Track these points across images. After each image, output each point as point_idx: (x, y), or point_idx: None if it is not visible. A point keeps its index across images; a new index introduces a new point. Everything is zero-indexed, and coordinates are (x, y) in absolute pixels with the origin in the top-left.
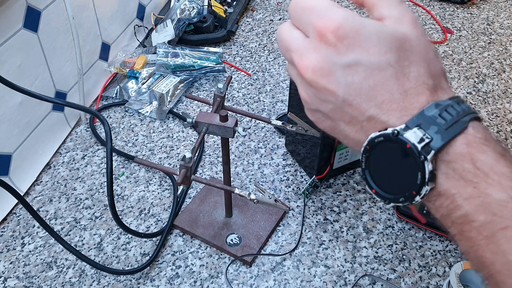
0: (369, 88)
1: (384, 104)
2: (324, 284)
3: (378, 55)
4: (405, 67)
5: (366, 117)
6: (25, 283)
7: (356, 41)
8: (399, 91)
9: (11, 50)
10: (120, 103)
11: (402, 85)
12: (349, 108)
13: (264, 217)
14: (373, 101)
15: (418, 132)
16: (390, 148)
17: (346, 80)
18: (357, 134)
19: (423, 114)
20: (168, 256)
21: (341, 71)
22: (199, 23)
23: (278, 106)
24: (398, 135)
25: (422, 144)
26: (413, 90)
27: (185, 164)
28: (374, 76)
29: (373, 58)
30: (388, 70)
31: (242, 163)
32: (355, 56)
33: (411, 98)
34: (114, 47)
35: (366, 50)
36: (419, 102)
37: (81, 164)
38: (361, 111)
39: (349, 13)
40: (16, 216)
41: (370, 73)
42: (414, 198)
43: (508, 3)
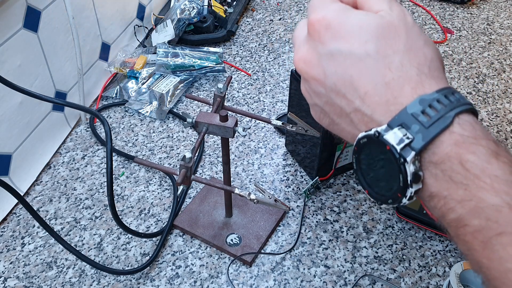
0: (351, 78)
1: (367, 96)
2: (324, 284)
3: (358, 45)
4: (387, 57)
5: (353, 109)
6: (25, 283)
7: (340, 31)
8: (380, 83)
9: (11, 50)
10: (120, 103)
11: (383, 76)
12: (337, 98)
13: (264, 217)
14: (355, 92)
15: (398, 133)
16: (373, 149)
17: (330, 70)
18: (349, 127)
19: (405, 111)
20: (168, 256)
21: (326, 61)
22: (199, 23)
23: (278, 106)
24: (379, 136)
25: (401, 145)
26: (395, 82)
27: (185, 164)
28: (354, 65)
29: (353, 48)
30: (367, 60)
31: (242, 163)
32: (337, 45)
33: (394, 91)
34: (114, 47)
35: (347, 40)
36: (403, 96)
37: (81, 164)
38: (347, 102)
39: (340, 6)
40: (16, 216)
41: (350, 62)
42: (400, 200)
43: (508, 3)
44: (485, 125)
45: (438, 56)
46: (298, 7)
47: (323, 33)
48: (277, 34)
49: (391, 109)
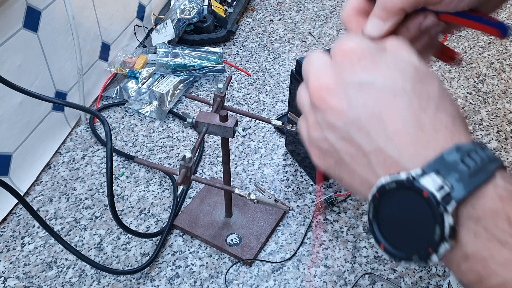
0: (380, 113)
1: (396, 135)
2: (324, 284)
3: (393, 80)
4: (423, 100)
5: (374, 148)
6: (25, 283)
7: (373, 63)
8: (414, 124)
9: (11, 50)
10: (120, 103)
11: (418, 117)
12: (358, 134)
13: (264, 217)
14: (382, 130)
15: (436, 179)
16: (403, 197)
17: (357, 101)
18: (364, 170)
19: (443, 158)
20: (168, 256)
21: (353, 90)
22: (199, 23)
23: (278, 106)
24: (414, 181)
25: (442, 193)
26: (430, 126)
27: (185, 164)
28: (386, 100)
29: (388, 82)
30: (403, 97)
31: (242, 163)
32: (370, 76)
33: (428, 135)
34: (114, 47)
35: (382, 73)
36: (437, 142)
37: (81, 164)
38: (369, 140)
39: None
40: (16, 216)
41: (383, 96)
42: (430, 257)
43: (508, 3)
44: (485, 125)
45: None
46: (298, 7)
47: (355, 62)
48: (277, 34)
49: (423, 154)
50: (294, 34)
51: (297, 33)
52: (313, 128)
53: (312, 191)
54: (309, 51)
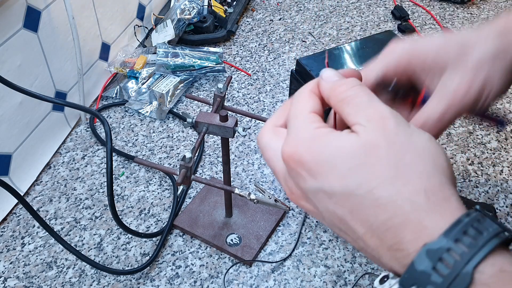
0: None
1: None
2: (324, 284)
3: (337, 181)
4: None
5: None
6: (25, 283)
7: (315, 167)
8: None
9: (11, 50)
10: (120, 103)
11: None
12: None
13: (264, 217)
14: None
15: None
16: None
17: (320, 206)
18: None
19: (414, 269)
20: (168, 256)
21: (313, 197)
22: (199, 23)
23: (278, 106)
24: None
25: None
26: (391, 222)
27: (185, 164)
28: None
29: (333, 185)
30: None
31: (242, 163)
32: (318, 184)
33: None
34: (114, 47)
35: (325, 176)
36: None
37: (81, 164)
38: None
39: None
40: (16, 216)
41: (336, 201)
42: None
43: (508, 3)
44: (485, 125)
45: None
46: (298, 7)
47: (300, 170)
48: (277, 34)
49: (398, 256)
50: (294, 34)
51: (297, 33)
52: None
53: None
54: (309, 51)
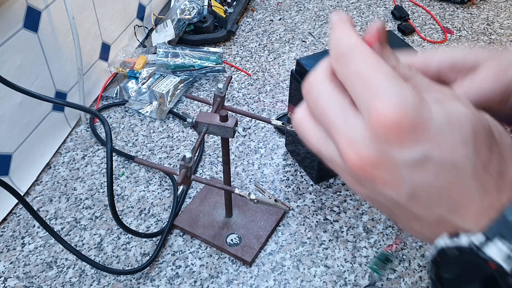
0: (441, 187)
1: (460, 206)
2: (324, 284)
3: (453, 149)
4: (486, 160)
5: (435, 218)
6: (25, 283)
7: (424, 133)
8: (478, 191)
9: (11, 50)
10: (120, 103)
11: (482, 182)
12: (414, 206)
13: (264, 217)
14: (444, 202)
15: (503, 248)
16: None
17: (412, 177)
18: (423, 230)
19: (505, 219)
20: (168, 256)
21: (406, 168)
22: (199, 23)
23: (278, 106)
24: (478, 251)
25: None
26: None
27: (185, 164)
28: (449, 174)
29: (447, 154)
30: (465, 167)
31: (242, 163)
32: (423, 151)
33: (492, 198)
34: (114, 47)
35: (437, 144)
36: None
37: (81, 164)
38: (428, 211)
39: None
40: (16, 216)
41: (443, 170)
42: None
43: (508, 3)
44: None
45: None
46: (298, 7)
47: (403, 135)
48: (277, 34)
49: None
50: (294, 34)
51: (297, 33)
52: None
53: (312, 191)
54: (309, 51)
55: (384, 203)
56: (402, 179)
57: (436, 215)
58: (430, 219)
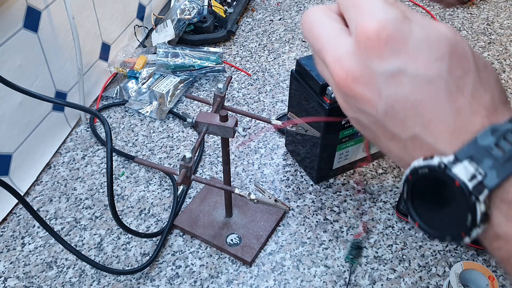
0: (415, 102)
1: (432, 124)
2: (324, 284)
3: (428, 64)
4: (460, 79)
5: (410, 136)
6: (25, 283)
7: (402, 46)
8: (450, 109)
9: (11, 50)
10: (120, 103)
11: (455, 100)
12: (391, 123)
13: (264, 217)
14: (418, 119)
15: (469, 167)
16: (436, 181)
17: (388, 91)
18: (400, 152)
19: (476, 143)
20: (168, 256)
21: (383, 80)
22: (199, 23)
23: (278, 106)
24: (446, 169)
25: (474, 183)
26: (467, 108)
27: (185, 164)
28: (422, 89)
29: (422, 68)
30: (439, 83)
31: (242, 163)
32: (400, 63)
33: (464, 118)
34: (114, 47)
35: (413, 57)
36: (473, 124)
37: (81, 164)
38: (404, 129)
39: (399, 14)
40: (16, 216)
41: (417, 85)
42: (462, 239)
43: (508, 3)
44: None
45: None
46: (298, 7)
47: (382, 47)
48: (277, 34)
49: (459, 137)
50: (294, 34)
51: (297, 33)
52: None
53: (312, 191)
54: (309, 51)
55: (365, 123)
56: (380, 93)
57: (411, 133)
58: (405, 137)
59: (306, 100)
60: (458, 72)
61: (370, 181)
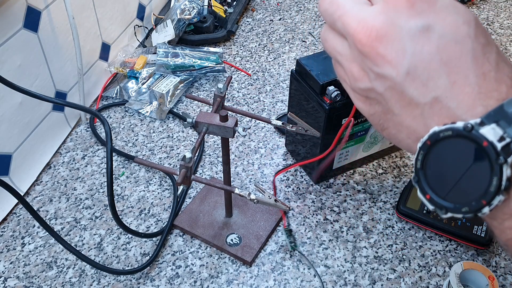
0: (440, 61)
1: (456, 86)
2: (324, 284)
3: (455, 25)
4: (485, 46)
5: (431, 99)
6: (25, 283)
7: (431, 6)
8: (475, 73)
9: (11, 50)
10: (120, 103)
11: (481, 66)
12: (411, 85)
13: (264, 217)
14: (442, 80)
15: (497, 129)
16: (458, 146)
17: (414, 49)
18: (414, 121)
19: (503, 109)
20: (168, 256)
21: (409, 37)
22: (199, 23)
23: (278, 106)
24: (472, 130)
25: (503, 144)
26: (492, 75)
27: (185, 164)
28: (449, 47)
29: (450, 27)
30: (466, 44)
31: (242, 163)
32: (428, 21)
33: (489, 85)
34: (114, 47)
35: (442, 17)
36: (498, 91)
37: (81, 164)
38: (426, 91)
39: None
40: (16, 216)
41: (445, 43)
42: (481, 209)
43: (508, 3)
44: None
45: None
46: (298, 7)
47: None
48: (277, 34)
49: (483, 103)
50: (294, 34)
51: (297, 33)
52: (358, 77)
53: (312, 191)
54: (309, 51)
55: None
56: (404, 51)
57: (432, 95)
58: (424, 101)
59: (306, 100)
60: (483, 40)
61: (370, 181)
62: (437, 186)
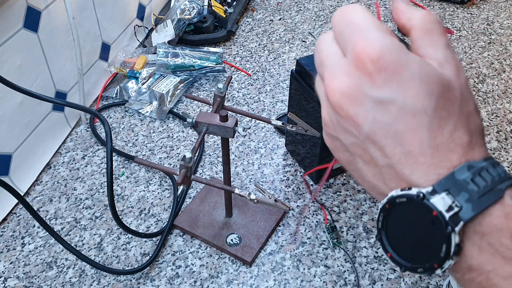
0: (397, 132)
1: (410, 155)
2: (324, 284)
3: (416, 99)
4: (442, 119)
5: (387, 164)
6: (25, 283)
7: (396, 77)
8: (429, 144)
9: (11, 50)
10: (120, 103)
11: (434, 138)
12: (371, 147)
13: (264, 217)
14: (398, 148)
15: (446, 199)
16: (412, 212)
17: (374, 116)
18: (374, 178)
19: (453, 177)
20: (168, 256)
21: (371, 105)
22: (199, 23)
23: (278, 106)
24: (424, 199)
25: (451, 213)
26: (445, 146)
27: (185, 164)
28: (406, 120)
29: (410, 101)
30: (423, 118)
31: (242, 163)
32: (391, 93)
33: (441, 155)
34: (114, 47)
35: (404, 89)
36: (450, 160)
37: (81, 164)
38: (383, 155)
39: (396, 42)
40: (16, 216)
41: (403, 116)
42: (434, 270)
43: (508, 3)
44: (485, 125)
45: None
46: (298, 7)
47: (376, 73)
48: (277, 34)
49: (435, 172)
50: (294, 34)
51: (297, 33)
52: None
53: (312, 191)
54: (309, 51)
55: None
56: (366, 117)
57: (388, 161)
58: (382, 164)
59: (306, 100)
60: (443, 113)
61: None
62: (397, 245)
